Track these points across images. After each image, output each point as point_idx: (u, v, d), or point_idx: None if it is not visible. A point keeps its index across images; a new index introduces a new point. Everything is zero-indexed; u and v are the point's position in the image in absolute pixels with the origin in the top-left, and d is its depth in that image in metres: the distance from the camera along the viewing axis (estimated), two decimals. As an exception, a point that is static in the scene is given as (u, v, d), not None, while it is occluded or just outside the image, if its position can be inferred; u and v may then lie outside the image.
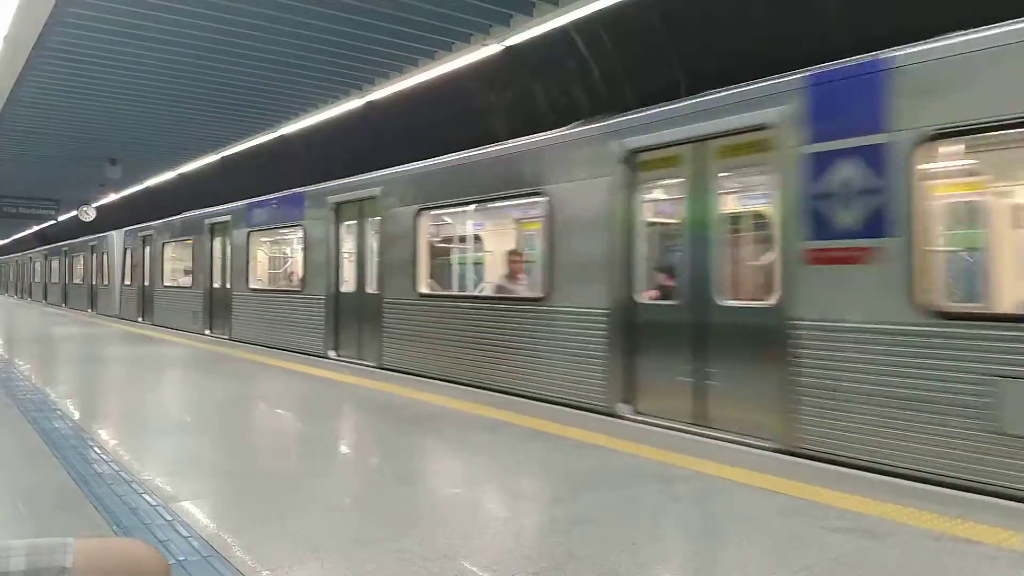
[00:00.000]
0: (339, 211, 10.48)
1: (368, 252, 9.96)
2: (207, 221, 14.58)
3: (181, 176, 19.90)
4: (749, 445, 4.98)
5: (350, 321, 10.07)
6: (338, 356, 10.11)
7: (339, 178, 10.62)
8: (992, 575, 2.91)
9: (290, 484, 4.24)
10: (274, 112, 13.37)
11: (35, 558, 1.36)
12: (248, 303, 12.93)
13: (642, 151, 6.11)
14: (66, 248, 27.96)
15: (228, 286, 13.70)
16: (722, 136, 5.54)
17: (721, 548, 3.27)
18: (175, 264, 17.43)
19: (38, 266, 34.58)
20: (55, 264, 30.55)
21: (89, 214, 24.82)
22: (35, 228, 29.47)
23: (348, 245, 10.61)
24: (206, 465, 4.73)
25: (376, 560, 3.01)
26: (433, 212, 8.96)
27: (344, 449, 5.68)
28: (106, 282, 22.26)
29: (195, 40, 9.63)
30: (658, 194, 6.59)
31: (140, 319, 18.55)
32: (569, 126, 7.18)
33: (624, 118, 6.42)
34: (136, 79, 11.43)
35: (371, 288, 9.76)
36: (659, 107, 6.16)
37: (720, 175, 5.74)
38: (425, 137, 11.21)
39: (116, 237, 21.33)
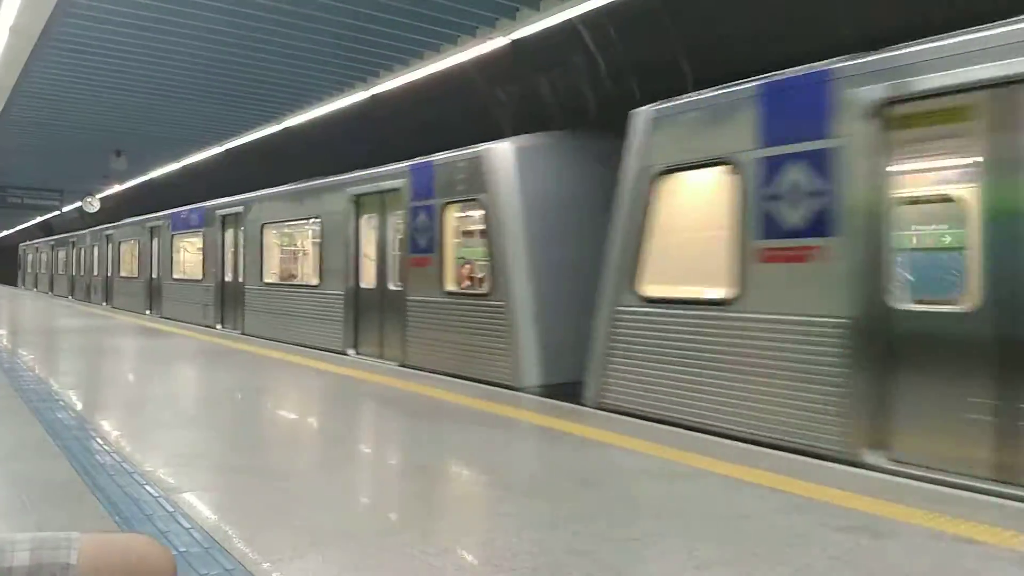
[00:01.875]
0: None
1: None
2: None
3: (184, 168, 19.84)
4: None
5: None
6: None
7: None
8: (992, 575, 2.90)
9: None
10: (279, 104, 13.36)
11: (39, 553, 1.32)
12: None
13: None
14: (193, 215, 15.73)
15: None
16: None
17: (721, 545, 3.26)
18: None
19: (129, 249, 20.70)
20: (177, 244, 17.35)
21: (93, 205, 24.80)
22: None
23: None
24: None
25: (377, 553, 3.02)
26: None
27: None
28: (451, 287, 8.74)
29: (201, 31, 9.63)
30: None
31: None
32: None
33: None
34: (142, 70, 11.44)
35: None
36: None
37: None
38: (430, 131, 11.19)
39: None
